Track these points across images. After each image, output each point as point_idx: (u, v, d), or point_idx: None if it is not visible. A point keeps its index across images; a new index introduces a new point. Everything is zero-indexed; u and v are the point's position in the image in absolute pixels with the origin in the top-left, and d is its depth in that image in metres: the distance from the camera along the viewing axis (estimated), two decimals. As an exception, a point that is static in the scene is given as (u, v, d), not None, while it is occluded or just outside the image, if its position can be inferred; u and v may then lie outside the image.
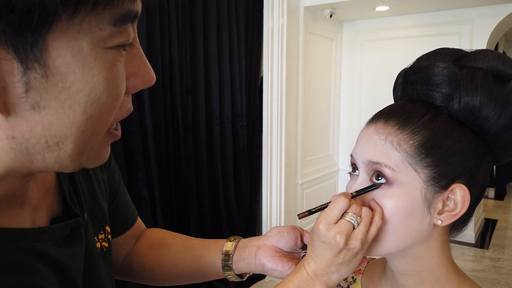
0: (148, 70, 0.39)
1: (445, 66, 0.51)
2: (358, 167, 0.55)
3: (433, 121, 0.51)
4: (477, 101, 0.49)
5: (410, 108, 0.53)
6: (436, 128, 0.50)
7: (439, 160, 0.50)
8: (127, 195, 0.70)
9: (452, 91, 0.50)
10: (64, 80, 0.32)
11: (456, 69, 0.51)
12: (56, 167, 0.36)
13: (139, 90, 0.39)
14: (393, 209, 0.51)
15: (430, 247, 0.54)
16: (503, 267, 3.21)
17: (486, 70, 0.50)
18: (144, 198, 2.26)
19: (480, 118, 0.50)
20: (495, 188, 5.41)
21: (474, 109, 0.49)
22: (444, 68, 0.51)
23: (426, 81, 0.52)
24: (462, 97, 0.49)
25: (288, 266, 0.61)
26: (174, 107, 2.49)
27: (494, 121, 0.49)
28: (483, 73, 0.50)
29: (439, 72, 0.51)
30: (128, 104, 0.40)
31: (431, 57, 0.54)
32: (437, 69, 0.52)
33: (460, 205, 0.51)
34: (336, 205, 0.51)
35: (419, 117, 0.51)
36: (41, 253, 0.41)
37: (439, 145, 0.50)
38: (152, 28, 2.27)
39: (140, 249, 0.71)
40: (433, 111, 0.52)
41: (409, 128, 0.51)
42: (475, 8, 3.43)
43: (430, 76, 0.52)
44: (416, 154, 0.50)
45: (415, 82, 0.54)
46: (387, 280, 0.62)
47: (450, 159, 0.50)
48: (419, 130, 0.51)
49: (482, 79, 0.49)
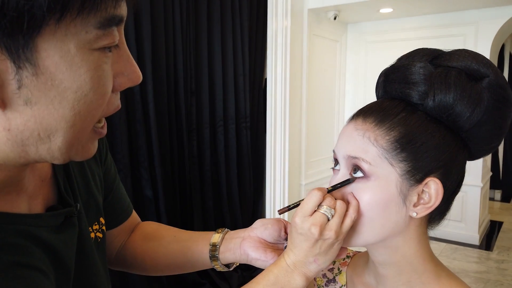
0: (134, 70, 0.42)
1: (421, 65, 0.54)
2: (339, 162, 0.58)
3: (408, 117, 0.53)
4: (450, 98, 0.51)
5: (387, 105, 0.56)
6: (412, 124, 0.53)
7: (414, 154, 0.52)
8: (122, 190, 0.73)
9: (427, 89, 0.52)
10: (53, 79, 0.35)
11: (432, 68, 0.54)
12: (48, 158, 0.40)
13: (126, 88, 0.42)
14: (370, 201, 0.54)
15: (407, 238, 0.57)
16: (507, 269, 3.19)
17: (459, 69, 0.53)
18: (148, 198, 2.31)
19: (453, 114, 0.52)
20: (502, 191, 5.37)
21: (447, 106, 0.52)
22: (421, 68, 0.54)
23: (404, 79, 0.55)
24: (436, 94, 0.52)
25: (271, 256, 0.64)
26: (178, 108, 2.53)
27: (467, 118, 0.52)
28: (457, 71, 0.52)
29: (416, 71, 0.54)
30: (116, 102, 0.43)
31: (410, 57, 0.57)
32: (414, 68, 0.54)
33: (434, 198, 0.53)
34: (311, 198, 0.54)
35: (395, 114, 0.54)
36: (35, 237, 0.45)
37: (413, 140, 0.52)
38: (157, 30, 2.32)
39: (134, 241, 0.75)
40: (409, 108, 0.54)
41: (385, 125, 0.54)
42: (479, 10, 3.43)
43: (408, 75, 0.54)
44: (392, 149, 0.53)
45: (394, 81, 0.56)
46: (370, 271, 0.65)
47: (425, 154, 0.52)
48: (395, 126, 0.53)
49: (455, 77, 0.52)
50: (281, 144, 3.26)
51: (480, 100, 0.51)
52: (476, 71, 0.52)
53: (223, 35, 2.83)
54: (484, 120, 0.52)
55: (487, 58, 0.54)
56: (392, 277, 0.60)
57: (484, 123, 0.53)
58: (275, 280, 0.55)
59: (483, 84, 0.52)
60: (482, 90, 0.52)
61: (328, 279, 0.72)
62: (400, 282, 0.59)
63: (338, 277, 0.71)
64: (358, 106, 2.65)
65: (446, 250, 3.54)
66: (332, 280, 0.71)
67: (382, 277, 0.61)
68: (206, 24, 2.70)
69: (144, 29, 2.23)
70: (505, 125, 0.55)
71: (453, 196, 0.58)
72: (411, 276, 0.59)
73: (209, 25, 2.73)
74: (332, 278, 0.72)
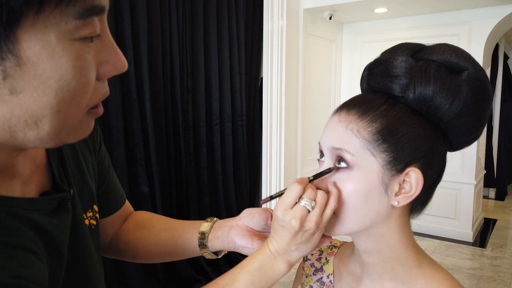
0: (119, 58, 0.43)
1: (403, 59, 0.56)
2: (324, 153, 0.60)
3: (390, 110, 0.56)
4: (430, 91, 0.53)
5: (370, 98, 0.58)
6: (393, 116, 0.55)
7: (395, 145, 0.54)
8: (116, 180, 0.76)
9: (408, 82, 0.55)
10: (36, 68, 0.36)
11: (413, 62, 0.56)
12: (38, 143, 0.41)
13: (112, 76, 0.44)
14: (353, 191, 0.56)
15: (390, 226, 0.59)
16: (500, 265, 3.23)
17: (439, 63, 0.55)
18: (144, 195, 2.33)
19: (433, 106, 0.54)
20: (496, 189, 5.41)
21: (427, 98, 0.54)
22: (402, 61, 0.56)
23: (386, 73, 0.57)
24: (416, 87, 0.54)
25: (257, 244, 0.66)
26: (174, 106, 2.56)
27: (446, 110, 0.54)
28: (437, 65, 0.54)
29: (397, 65, 0.56)
30: (103, 89, 0.44)
31: (392, 51, 0.59)
32: (396, 62, 0.56)
33: (415, 187, 0.55)
34: (291, 191, 0.56)
35: (377, 106, 0.56)
36: (28, 219, 0.46)
37: (395, 131, 0.54)
38: (153, 28, 2.34)
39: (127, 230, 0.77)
40: (391, 101, 0.57)
41: (368, 117, 0.56)
42: (473, 10, 3.47)
43: (390, 69, 0.57)
44: (374, 140, 0.55)
45: (376, 74, 0.59)
46: (355, 260, 0.68)
47: (405, 145, 0.55)
48: (377, 118, 0.55)
49: (435, 70, 0.54)
50: (277, 142, 3.28)
51: (459, 93, 0.53)
52: (456, 65, 0.55)
53: (219, 34, 2.85)
54: (463, 112, 0.54)
55: (467, 52, 0.56)
56: (376, 265, 0.62)
57: (463, 115, 0.55)
58: (259, 266, 0.58)
59: (463, 77, 0.54)
60: (461, 83, 0.54)
61: (316, 268, 0.75)
62: (384, 270, 0.62)
63: (326, 266, 0.73)
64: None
65: (440, 247, 3.58)
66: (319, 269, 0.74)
67: (367, 265, 0.63)
68: (203, 23, 2.73)
69: (140, 27, 2.25)
70: (484, 117, 0.57)
71: (434, 186, 0.60)
72: (394, 264, 0.61)
73: (205, 24, 2.76)
74: (320, 267, 0.74)
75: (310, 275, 0.74)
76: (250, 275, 0.58)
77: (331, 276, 0.72)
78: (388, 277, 0.62)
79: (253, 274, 0.58)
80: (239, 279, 0.57)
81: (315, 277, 0.74)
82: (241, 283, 0.57)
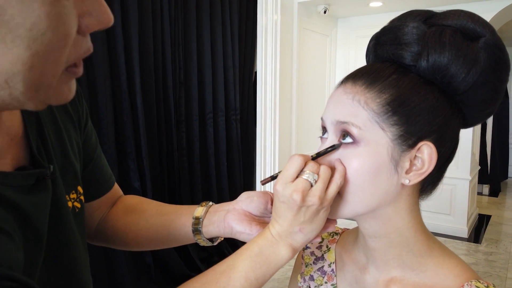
0: (104, 10, 0.38)
1: (414, 25, 0.51)
2: (327, 129, 0.55)
3: (400, 79, 0.51)
4: (445, 58, 0.48)
5: (378, 67, 0.53)
6: (404, 86, 0.50)
7: (406, 118, 0.50)
8: (104, 160, 0.70)
9: (421, 49, 0.50)
10: (3, 14, 0.31)
11: (425, 28, 0.51)
12: (15, 104, 0.36)
13: (96, 30, 0.39)
14: (359, 168, 0.51)
15: (399, 208, 0.54)
16: (496, 260, 3.22)
17: (455, 28, 0.50)
18: (135, 189, 2.27)
19: (448, 76, 0.49)
20: (490, 185, 5.43)
21: (442, 66, 0.49)
22: (413, 28, 0.51)
23: (396, 41, 0.52)
24: (430, 54, 0.49)
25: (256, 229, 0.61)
26: (166, 99, 2.50)
27: (462, 79, 0.49)
28: (452, 30, 0.49)
29: (408, 31, 0.51)
30: (85, 45, 0.39)
31: (402, 18, 0.54)
32: (407, 28, 0.51)
33: (427, 163, 0.50)
34: (292, 164, 0.51)
35: (386, 76, 0.51)
36: (0, 195, 0.41)
37: (406, 103, 0.50)
38: (144, 19, 2.28)
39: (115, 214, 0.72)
40: (401, 70, 0.52)
41: (376, 87, 0.51)
42: (468, 4, 3.45)
43: (400, 36, 0.52)
44: (383, 112, 0.50)
45: (385, 43, 0.54)
46: (359, 247, 0.63)
47: (417, 117, 0.50)
48: (386, 88, 0.50)
49: (450, 36, 0.49)
50: (271, 136, 3.24)
51: (476, 61, 0.49)
52: (472, 30, 0.50)
53: (212, 26, 2.80)
54: (480, 82, 0.50)
55: (483, 18, 0.51)
56: (382, 250, 0.57)
57: (480, 86, 0.50)
58: (259, 251, 0.53)
59: (480, 44, 0.49)
60: (478, 50, 0.49)
61: (317, 256, 0.70)
62: (390, 256, 0.57)
63: (327, 255, 0.68)
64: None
65: (435, 243, 3.56)
66: (320, 258, 0.69)
67: (372, 250, 0.58)
68: (195, 14, 2.67)
69: (131, 16, 2.18)
70: (501, 89, 0.53)
71: (447, 164, 0.55)
72: (402, 249, 0.56)
73: (198, 16, 2.70)
74: (321, 255, 0.69)
75: (310, 264, 0.69)
76: (250, 261, 0.52)
77: (333, 265, 0.67)
78: (395, 264, 0.57)
79: (253, 259, 0.53)
80: (238, 265, 0.52)
81: (315, 266, 0.69)
82: (240, 269, 0.52)
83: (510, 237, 3.78)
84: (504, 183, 6.00)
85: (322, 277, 0.67)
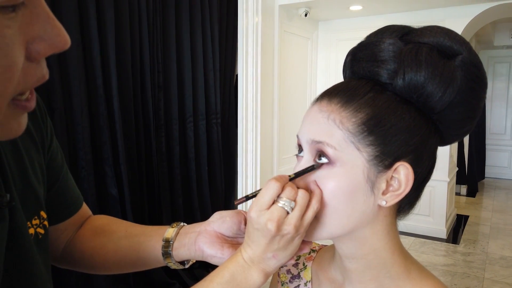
0: (57, 33, 0.34)
1: (391, 42, 0.50)
2: (303, 148, 0.53)
3: (376, 98, 0.49)
4: (421, 76, 0.47)
5: (354, 85, 0.51)
6: (380, 105, 0.49)
7: (382, 138, 0.48)
8: (70, 180, 0.66)
9: (397, 67, 0.48)
10: None
11: (402, 44, 0.49)
12: None
13: (50, 55, 0.35)
14: (335, 189, 0.49)
15: (376, 229, 0.53)
16: (473, 261, 3.28)
17: (431, 45, 0.49)
18: (112, 196, 2.21)
19: (424, 95, 0.48)
20: (467, 186, 5.54)
21: (418, 85, 0.48)
22: (390, 44, 0.50)
23: (372, 57, 0.50)
24: (406, 72, 0.48)
25: (228, 253, 0.59)
26: (145, 103, 2.45)
27: (438, 98, 0.48)
28: (428, 48, 0.48)
29: (385, 48, 0.50)
30: (39, 72, 0.35)
31: (379, 34, 0.53)
32: (383, 45, 0.50)
33: (404, 184, 0.49)
34: (267, 190, 0.49)
35: (362, 94, 0.50)
36: None
37: (382, 122, 0.48)
38: (121, 21, 2.22)
39: (82, 237, 0.69)
40: (377, 88, 0.50)
41: (352, 106, 0.49)
42: (446, 8, 3.51)
43: (376, 52, 0.50)
44: (359, 132, 0.48)
45: (361, 59, 0.52)
46: (336, 266, 0.61)
47: (394, 137, 0.48)
48: (362, 107, 0.49)
49: (427, 54, 0.48)
50: (252, 140, 3.22)
51: (453, 79, 0.47)
52: (449, 48, 0.49)
53: (192, 29, 2.75)
54: (457, 101, 0.49)
55: (460, 35, 0.50)
56: (360, 271, 0.56)
57: (457, 104, 0.49)
58: (231, 277, 0.50)
59: (456, 62, 0.48)
60: (455, 68, 0.48)
61: (293, 275, 0.68)
62: (367, 277, 0.56)
63: (303, 273, 0.67)
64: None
65: (414, 244, 3.61)
66: (296, 276, 0.67)
67: (349, 271, 0.57)
68: (174, 15, 2.62)
69: (107, 19, 2.13)
70: (478, 107, 0.52)
71: (424, 183, 0.54)
72: (379, 270, 0.55)
73: (177, 17, 2.66)
74: (297, 274, 0.67)
75: (286, 283, 0.68)
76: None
77: (309, 284, 0.65)
78: (372, 285, 0.56)
79: (223, 286, 0.50)
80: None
81: (291, 284, 0.67)
82: None
83: (487, 237, 3.86)
84: (481, 183, 6.15)
85: None
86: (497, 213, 4.68)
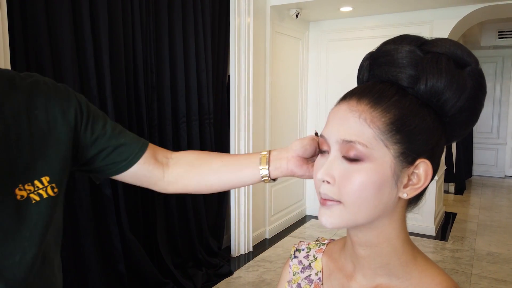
0: None
1: (410, 49, 0.56)
2: (330, 146, 0.58)
3: (401, 100, 0.55)
4: (442, 83, 0.54)
5: (380, 88, 0.56)
6: (405, 107, 0.54)
7: (408, 137, 0.54)
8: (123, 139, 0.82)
9: (418, 73, 0.55)
10: None
11: (421, 53, 0.56)
12: None
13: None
14: (366, 182, 0.54)
15: (393, 219, 0.58)
16: (461, 257, 3.35)
17: (448, 56, 0.55)
18: (107, 196, 2.22)
19: (442, 100, 0.55)
20: (455, 184, 5.64)
21: (438, 91, 0.54)
22: (409, 52, 0.56)
23: (393, 63, 0.56)
24: (429, 79, 0.54)
25: (312, 170, 0.74)
26: (138, 103, 2.46)
27: (453, 103, 0.55)
28: (446, 58, 0.55)
29: (404, 55, 0.56)
30: None
31: (397, 42, 0.59)
32: (403, 52, 0.56)
33: (423, 178, 0.55)
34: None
35: (389, 96, 0.55)
36: None
37: (407, 123, 0.54)
38: (115, 22, 2.23)
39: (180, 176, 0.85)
40: (401, 92, 0.56)
41: (381, 106, 0.54)
42: (434, 10, 3.58)
43: (397, 59, 0.56)
44: (388, 131, 0.54)
45: (382, 64, 0.58)
46: (346, 256, 0.66)
47: (417, 136, 0.54)
48: (390, 108, 0.54)
49: (445, 63, 0.54)
50: (245, 140, 3.25)
51: (465, 87, 0.54)
52: (461, 59, 0.55)
53: (184, 30, 2.77)
54: (466, 107, 0.55)
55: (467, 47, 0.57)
56: (371, 258, 0.61)
57: (465, 109, 0.56)
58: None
59: (467, 72, 0.55)
60: (466, 77, 0.55)
61: (304, 265, 0.72)
62: (378, 264, 0.60)
63: (314, 264, 0.71)
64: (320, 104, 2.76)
65: (405, 242, 3.67)
66: (307, 267, 0.72)
67: (361, 258, 0.62)
68: (167, 17, 2.64)
69: (101, 21, 2.14)
70: (480, 112, 0.59)
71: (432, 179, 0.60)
72: (390, 257, 0.60)
73: (170, 18, 2.67)
74: (308, 264, 0.72)
75: (298, 273, 0.72)
76: None
77: (319, 274, 0.70)
78: (382, 272, 0.61)
79: None
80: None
81: (303, 274, 0.71)
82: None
83: (474, 234, 3.95)
84: (468, 181, 6.27)
85: (309, 285, 0.70)
86: (484, 210, 4.78)
